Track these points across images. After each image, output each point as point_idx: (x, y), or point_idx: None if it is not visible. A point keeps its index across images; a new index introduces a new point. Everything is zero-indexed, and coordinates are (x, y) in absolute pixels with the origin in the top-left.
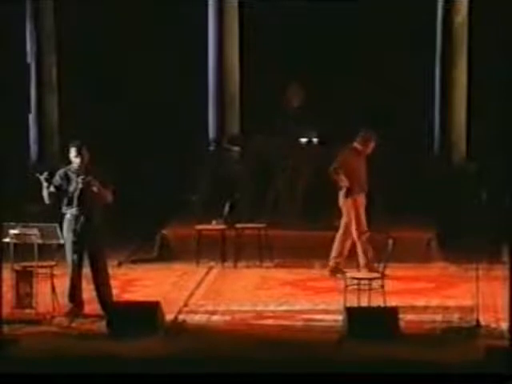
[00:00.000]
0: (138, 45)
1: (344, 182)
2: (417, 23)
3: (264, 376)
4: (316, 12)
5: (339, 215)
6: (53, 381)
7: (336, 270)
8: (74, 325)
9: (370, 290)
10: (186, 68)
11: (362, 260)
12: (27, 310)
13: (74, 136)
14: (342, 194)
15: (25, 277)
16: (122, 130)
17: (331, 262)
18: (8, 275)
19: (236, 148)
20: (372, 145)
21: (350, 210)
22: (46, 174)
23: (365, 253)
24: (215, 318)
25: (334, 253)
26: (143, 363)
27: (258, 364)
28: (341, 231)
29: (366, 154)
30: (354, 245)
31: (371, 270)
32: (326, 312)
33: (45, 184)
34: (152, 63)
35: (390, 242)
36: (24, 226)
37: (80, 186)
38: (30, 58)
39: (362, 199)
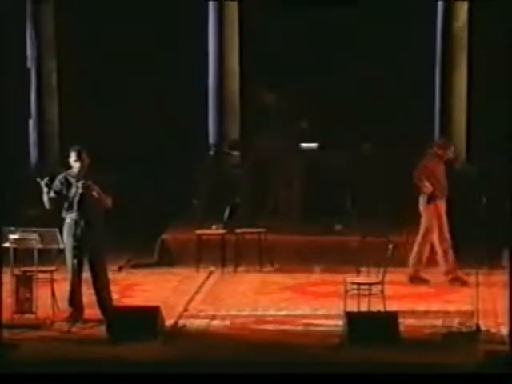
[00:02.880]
0: (138, 50)
1: (427, 188)
2: (417, 27)
3: (262, 377)
4: (316, 15)
5: (340, 220)
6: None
7: (416, 278)
8: (74, 329)
9: (370, 294)
10: (186, 72)
11: (443, 267)
12: (27, 315)
13: (73, 141)
14: (422, 199)
15: (25, 281)
16: (122, 134)
17: (411, 270)
18: (8, 280)
19: (236, 153)
20: (452, 149)
21: (432, 215)
22: (46, 179)
23: (446, 260)
24: (215, 322)
25: (412, 260)
26: (143, 368)
27: (258, 368)
28: (420, 237)
29: (446, 159)
30: (432, 251)
31: (453, 278)
32: (326, 317)
33: (45, 189)
34: (151, 68)
35: (391, 246)
36: (24, 231)
37: (80, 190)
38: (30, 63)
39: (443, 204)
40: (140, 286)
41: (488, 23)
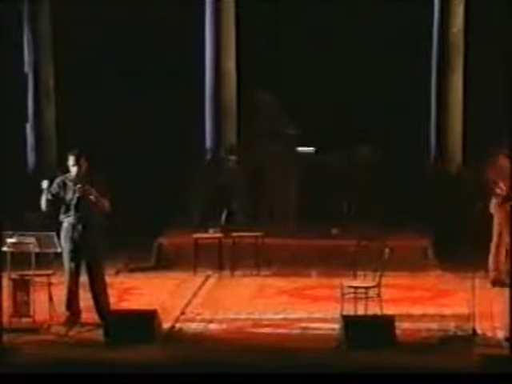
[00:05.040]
0: (136, 53)
1: (501, 190)
2: (414, 31)
3: (259, 379)
4: (315, 17)
5: (337, 224)
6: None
7: (498, 282)
8: (71, 333)
9: (367, 298)
10: (183, 76)
11: (491, 265)
12: (24, 319)
13: (71, 144)
14: (494, 201)
15: (22, 285)
16: (119, 139)
17: (492, 274)
18: (5, 284)
19: (233, 157)
20: None
21: (503, 217)
22: (46, 182)
23: (499, 260)
24: (212, 326)
25: (491, 263)
26: (140, 371)
27: (254, 371)
28: (495, 240)
29: None
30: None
31: (495, 278)
32: (323, 320)
33: (44, 192)
34: (149, 72)
35: (387, 250)
36: (21, 235)
37: (77, 194)
38: (28, 67)
39: None
40: (137, 290)
41: (484, 27)
